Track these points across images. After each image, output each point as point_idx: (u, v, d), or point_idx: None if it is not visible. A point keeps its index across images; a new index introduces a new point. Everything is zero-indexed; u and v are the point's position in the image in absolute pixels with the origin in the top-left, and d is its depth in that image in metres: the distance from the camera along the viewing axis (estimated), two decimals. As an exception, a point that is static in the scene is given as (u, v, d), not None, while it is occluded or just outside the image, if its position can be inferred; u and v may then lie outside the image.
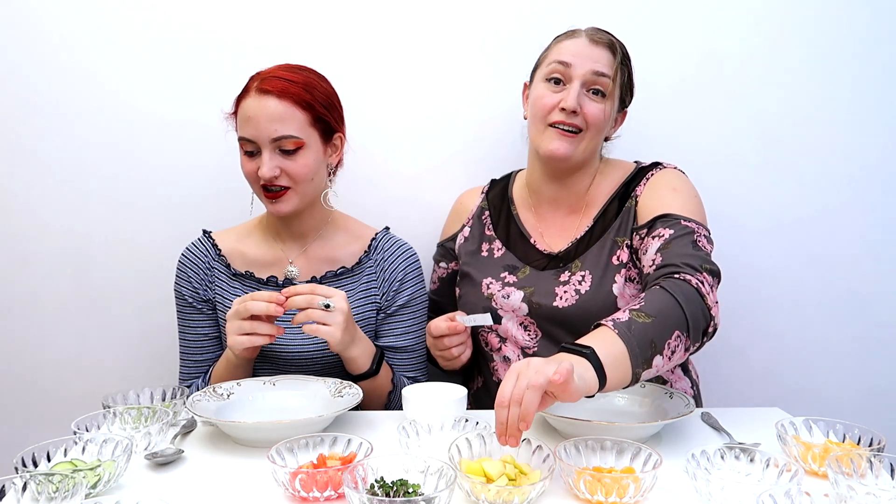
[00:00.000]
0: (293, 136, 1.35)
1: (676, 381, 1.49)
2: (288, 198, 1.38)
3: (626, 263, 1.39)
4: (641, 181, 1.44)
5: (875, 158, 1.75)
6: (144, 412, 1.22)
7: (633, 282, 1.39)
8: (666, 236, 1.27)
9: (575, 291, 1.40)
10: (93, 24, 1.67)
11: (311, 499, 0.97)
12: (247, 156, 1.38)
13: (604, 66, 1.38)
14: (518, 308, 1.44)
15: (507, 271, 1.48)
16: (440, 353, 1.46)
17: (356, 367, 1.36)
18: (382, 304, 1.49)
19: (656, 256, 1.26)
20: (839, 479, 0.93)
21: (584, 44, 1.39)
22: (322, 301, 1.27)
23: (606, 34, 1.42)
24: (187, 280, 1.47)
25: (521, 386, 0.96)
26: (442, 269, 1.62)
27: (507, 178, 1.61)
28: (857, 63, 1.72)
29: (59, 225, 1.73)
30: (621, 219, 1.42)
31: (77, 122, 1.70)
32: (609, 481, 0.95)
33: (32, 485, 0.93)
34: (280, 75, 1.36)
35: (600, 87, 1.38)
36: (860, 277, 1.79)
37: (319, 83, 1.40)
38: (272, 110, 1.33)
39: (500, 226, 1.54)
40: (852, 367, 1.82)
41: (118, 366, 1.77)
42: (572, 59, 1.38)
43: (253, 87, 1.36)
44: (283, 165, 1.36)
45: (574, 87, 1.37)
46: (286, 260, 1.48)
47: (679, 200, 1.35)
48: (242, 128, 1.37)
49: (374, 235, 1.52)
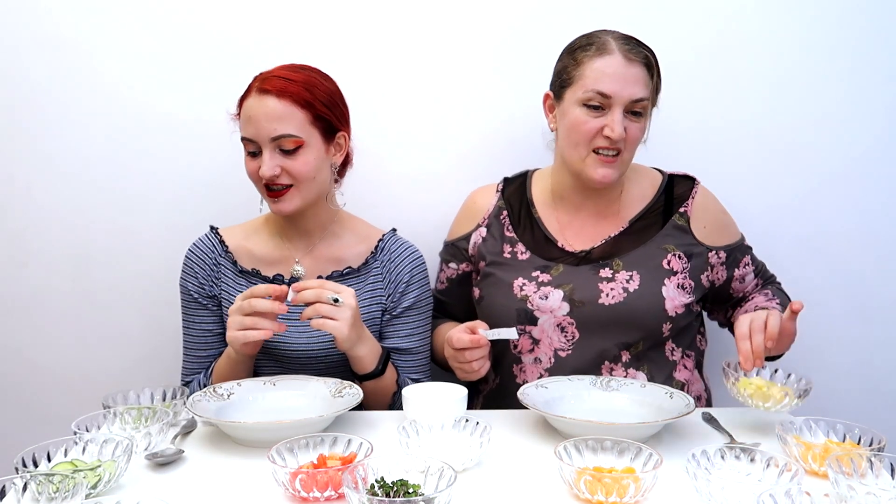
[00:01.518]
0: (292, 135, 1.35)
1: (694, 382, 1.50)
2: (290, 197, 1.39)
3: (677, 272, 1.43)
4: (688, 199, 1.50)
5: (876, 157, 1.75)
6: (144, 412, 1.22)
7: (684, 290, 1.43)
8: (749, 262, 1.54)
9: (623, 289, 1.41)
10: (95, 22, 1.67)
11: (311, 499, 0.97)
12: (249, 156, 1.39)
13: (642, 90, 1.37)
14: (557, 308, 1.42)
15: (538, 271, 1.46)
16: (459, 365, 1.39)
17: (362, 367, 1.36)
18: (388, 305, 1.49)
19: (757, 280, 1.56)
20: (839, 479, 0.93)
21: (621, 64, 1.36)
22: (331, 295, 1.27)
23: (640, 47, 1.38)
24: (193, 275, 1.47)
25: (759, 319, 1.23)
26: (451, 270, 1.60)
27: (523, 178, 1.59)
28: (866, 62, 1.72)
29: (59, 225, 1.73)
30: (670, 231, 1.47)
31: (77, 121, 1.70)
32: (609, 481, 0.95)
33: (33, 485, 0.93)
34: (280, 74, 1.37)
35: (639, 109, 1.38)
36: (860, 277, 1.79)
37: (321, 82, 1.40)
38: (271, 109, 1.34)
39: (521, 228, 1.53)
40: (852, 367, 1.82)
41: (118, 366, 1.77)
42: (611, 87, 1.35)
43: (254, 87, 1.37)
44: (284, 164, 1.36)
45: (617, 115, 1.36)
46: (292, 258, 1.48)
47: (733, 223, 1.56)
48: (244, 128, 1.38)
49: (381, 237, 1.52)
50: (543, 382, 1.34)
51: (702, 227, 1.49)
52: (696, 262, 1.46)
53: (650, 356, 1.44)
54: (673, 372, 1.46)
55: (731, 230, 1.54)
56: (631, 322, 1.41)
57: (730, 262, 1.49)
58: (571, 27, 1.47)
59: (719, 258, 1.48)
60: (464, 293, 1.59)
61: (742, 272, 1.52)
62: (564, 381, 1.35)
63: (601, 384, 1.35)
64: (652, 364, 1.44)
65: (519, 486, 1.04)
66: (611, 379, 1.36)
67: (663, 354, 1.45)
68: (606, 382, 1.35)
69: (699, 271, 1.46)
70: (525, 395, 1.26)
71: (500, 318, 1.45)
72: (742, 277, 1.53)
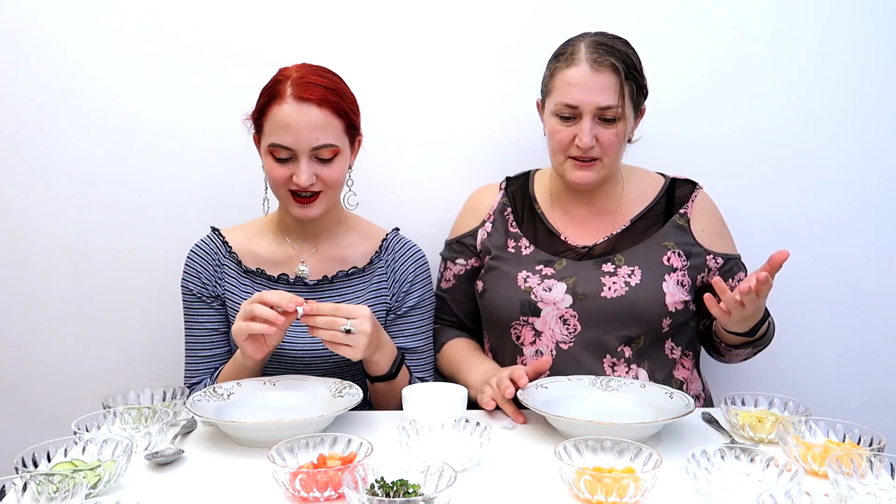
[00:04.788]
0: (332, 145, 1.35)
1: (693, 381, 1.51)
2: (319, 202, 1.39)
3: (677, 269, 1.45)
4: (688, 201, 1.52)
5: (876, 156, 1.75)
6: (144, 412, 1.22)
7: (683, 287, 1.45)
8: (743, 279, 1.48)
9: (625, 283, 1.43)
10: (97, 23, 1.67)
11: (311, 499, 0.97)
12: (278, 162, 1.36)
13: (610, 97, 1.37)
14: (560, 300, 1.44)
15: (542, 264, 1.48)
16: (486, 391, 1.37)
17: (376, 369, 1.37)
18: (392, 304, 1.49)
19: None
20: (839, 479, 0.93)
21: (586, 74, 1.36)
22: (344, 326, 1.24)
23: (607, 52, 1.37)
24: (196, 275, 1.47)
25: None
26: (459, 267, 1.60)
27: (526, 176, 1.61)
28: (867, 67, 1.72)
29: (59, 225, 1.73)
30: (671, 230, 1.49)
31: (78, 121, 1.70)
32: (609, 481, 0.95)
33: (32, 485, 0.93)
34: (315, 81, 1.35)
35: (610, 116, 1.38)
36: (861, 277, 1.79)
37: (347, 87, 1.40)
38: (314, 119, 1.32)
39: (525, 224, 1.55)
40: (852, 367, 1.82)
41: (118, 366, 1.77)
42: (577, 98, 1.37)
43: (287, 94, 1.33)
44: (319, 172, 1.35)
45: (585, 125, 1.37)
46: (297, 259, 1.48)
47: (730, 237, 1.57)
48: (278, 134, 1.34)
49: (385, 236, 1.53)
50: (543, 382, 1.34)
51: (700, 229, 1.50)
52: (694, 262, 1.48)
53: (651, 353, 1.45)
54: (673, 370, 1.47)
55: (728, 241, 1.55)
56: (632, 316, 1.42)
57: (725, 270, 1.50)
58: (574, 29, 1.46)
59: (717, 263, 1.49)
60: (471, 289, 1.59)
61: (733, 285, 1.50)
62: (564, 381, 1.36)
63: (601, 384, 1.35)
64: (653, 361, 1.44)
65: (519, 486, 1.04)
66: (611, 379, 1.36)
67: (663, 352, 1.46)
68: (606, 382, 1.35)
69: (697, 271, 1.48)
70: (525, 395, 1.26)
71: (504, 309, 1.47)
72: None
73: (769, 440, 1.19)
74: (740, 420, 1.21)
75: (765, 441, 1.19)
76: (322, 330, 1.25)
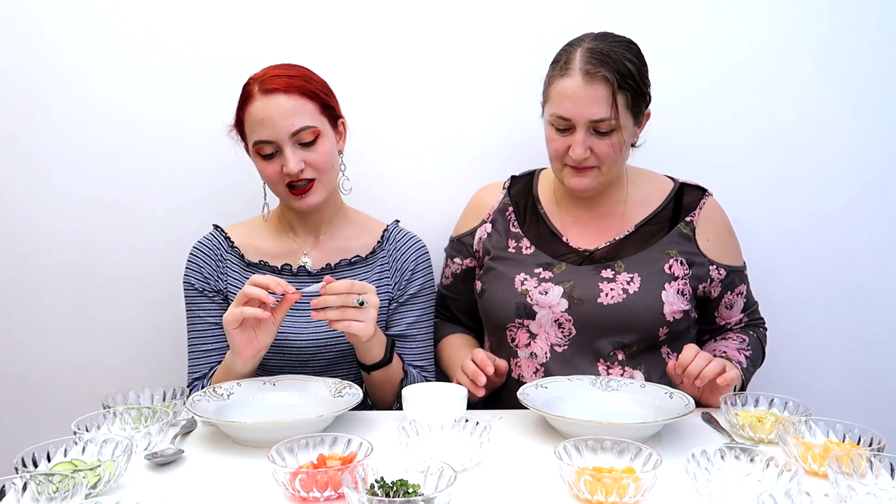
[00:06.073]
0: (310, 126, 1.37)
1: None
2: (315, 189, 1.40)
3: (679, 277, 1.44)
4: (695, 209, 1.50)
5: (877, 158, 1.75)
6: (144, 412, 1.22)
7: (683, 296, 1.44)
8: (744, 292, 1.55)
9: (622, 290, 1.42)
10: (98, 23, 1.66)
11: (311, 499, 0.97)
12: (265, 160, 1.39)
13: (602, 109, 1.34)
14: (556, 304, 1.43)
15: (541, 268, 1.48)
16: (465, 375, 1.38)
17: (370, 357, 1.37)
18: (395, 293, 1.50)
19: (743, 316, 1.56)
20: (839, 479, 0.93)
21: (579, 85, 1.34)
22: (357, 299, 1.27)
23: (600, 62, 1.34)
24: (198, 270, 1.48)
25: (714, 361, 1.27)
26: (456, 265, 1.61)
27: (530, 176, 1.61)
28: (867, 68, 1.71)
29: (59, 225, 1.73)
30: (675, 237, 1.48)
31: (78, 121, 1.70)
32: (609, 481, 0.95)
33: (32, 485, 0.93)
34: (278, 73, 1.38)
35: (603, 129, 1.37)
36: (861, 277, 1.78)
37: (314, 73, 1.43)
38: (284, 106, 1.35)
39: (527, 224, 1.54)
40: (852, 367, 1.82)
41: (118, 366, 1.77)
42: (570, 111, 1.35)
43: (255, 91, 1.37)
44: (306, 157, 1.37)
45: (579, 137, 1.36)
46: (300, 251, 1.50)
47: (738, 247, 1.56)
48: (257, 131, 1.37)
49: (386, 227, 1.55)
50: (543, 382, 1.34)
51: (706, 238, 1.49)
52: (696, 272, 1.46)
53: (645, 357, 1.44)
54: None
55: (734, 252, 1.53)
56: (627, 323, 1.41)
57: (727, 282, 1.49)
58: (578, 30, 1.46)
59: (720, 274, 1.48)
60: (468, 288, 1.60)
61: (733, 298, 1.52)
62: (564, 381, 1.36)
63: (601, 384, 1.35)
64: (648, 364, 1.44)
65: (519, 486, 1.04)
66: (610, 379, 1.36)
67: (659, 356, 1.46)
68: (606, 382, 1.35)
69: (698, 281, 1.47)
70: (525, 396, 1.26)
71: (501, 310, 1.47)
72: (731, 304, 1.53)
73: (769, 440, 1.19)
74: (740, 420, 1.21)
75: (765, 441, 1.19)
76: (332, 310, 1.27)
